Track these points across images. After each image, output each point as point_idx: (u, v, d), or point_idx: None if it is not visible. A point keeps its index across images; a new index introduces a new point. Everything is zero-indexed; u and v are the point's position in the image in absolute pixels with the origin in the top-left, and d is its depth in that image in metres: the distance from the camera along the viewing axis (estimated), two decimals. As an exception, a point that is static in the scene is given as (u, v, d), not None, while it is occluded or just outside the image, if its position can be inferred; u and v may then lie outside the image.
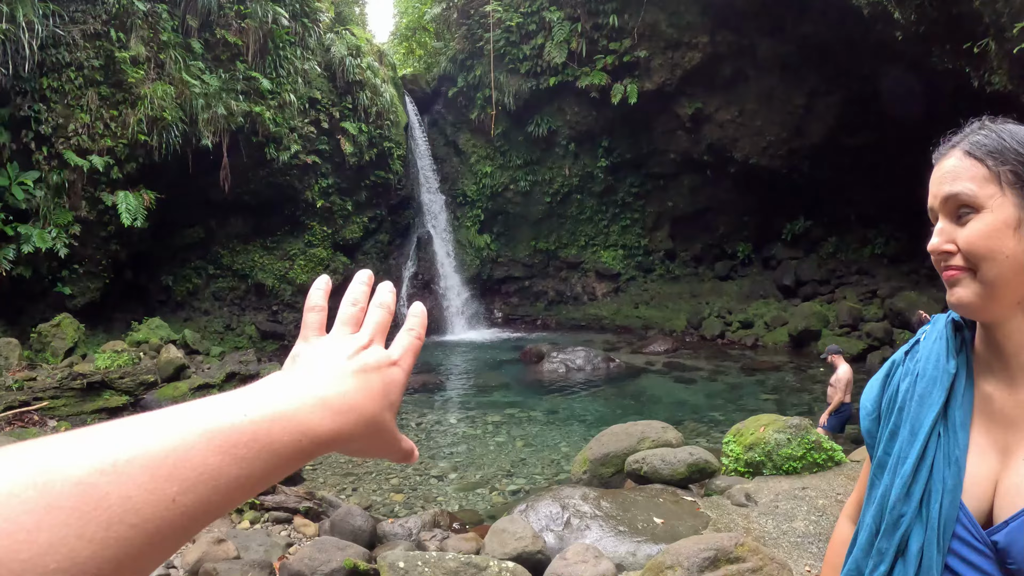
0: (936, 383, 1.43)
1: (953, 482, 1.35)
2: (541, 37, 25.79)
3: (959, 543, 1.33)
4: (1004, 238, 1.30)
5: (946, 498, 1.35)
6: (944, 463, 1.37)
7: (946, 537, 1.33)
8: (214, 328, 22.11)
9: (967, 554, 1.33)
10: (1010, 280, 1.30)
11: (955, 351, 1.45)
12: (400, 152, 26.09)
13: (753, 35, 22.62)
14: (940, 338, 1.50)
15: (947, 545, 1.33)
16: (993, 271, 1.30)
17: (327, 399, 0.75)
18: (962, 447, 1.37)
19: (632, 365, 19.39)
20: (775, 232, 26.53)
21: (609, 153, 27.36)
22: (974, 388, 1.42)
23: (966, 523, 1.33)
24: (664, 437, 9.19)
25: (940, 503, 1.35)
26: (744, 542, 5.33)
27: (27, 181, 16.38)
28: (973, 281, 1.33)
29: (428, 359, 21.88)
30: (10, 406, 12.64)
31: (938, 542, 1.33)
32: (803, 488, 7.79)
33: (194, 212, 21.31)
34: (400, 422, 13.69)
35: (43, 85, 16.50)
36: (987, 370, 1.41)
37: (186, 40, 19.02)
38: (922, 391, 1.45)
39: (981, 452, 1.37)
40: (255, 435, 0.66)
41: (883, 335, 19.02)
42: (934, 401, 1.42)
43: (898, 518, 1.41)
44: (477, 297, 29.17)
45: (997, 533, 1.29)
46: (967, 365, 1.43)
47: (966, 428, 1.38)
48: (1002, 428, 1.36)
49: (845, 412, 11.08)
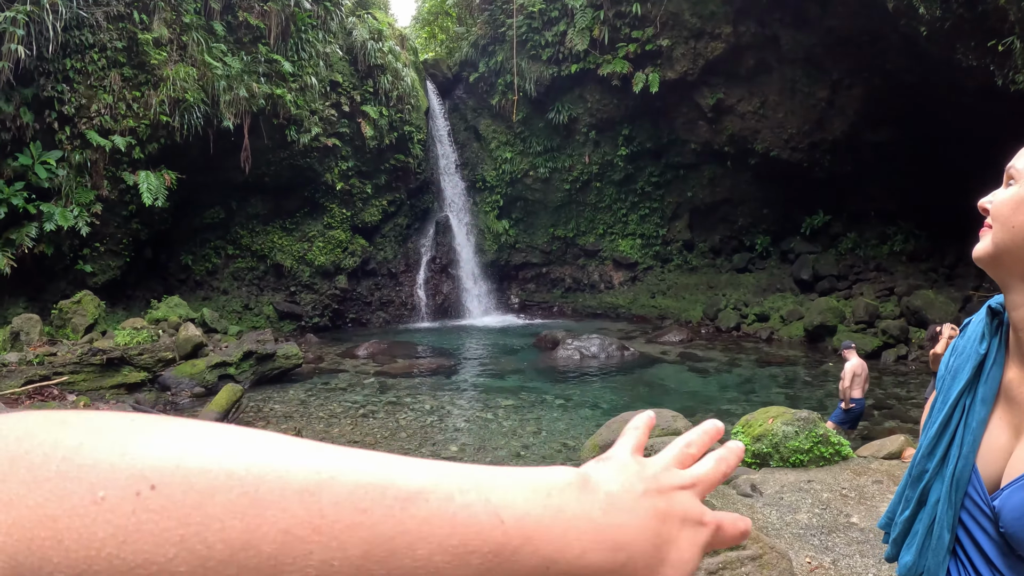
0: (968, 360, 1.59)
1: (968, 449, 1.49)
2: (563, 24, 25.75)
3: (970, 503, 1.47)
4: (1019, 211, 1.40)
5: (961, 461, 1.50)
6: (963, 430, 1.51)
7: (958, 494, 1.48)
8: (232, 307, 22.32)
9: (975, 513, 1.47)
10: (1012, 250, 1.42)
11: (988, 334, 1.56)
12: (420, 136, 26.17)
13: (776, 26, 22.49)
14: (979, 321, 1.63)
15: (959, 501, 1.48)
16: (999, 235, 1.44)
17: (601, 526, 0.62)
18: (980, 419, 1.51)
19: (647, 354, 19.43)
20: (794, 226, 26.42)
21: (629, 142, 27.31)
22: (1003, 371, 1.54)
23: (976, 485, 1.46)
24: (673, 426, 9.24)
25: (956, 464, 1.49)
26: (745, 531, 5.37)
27: (50, 160, 16.59)
28: (989, 239, 1.47)
29: (444, 343, 22.01)
30: (30, 380, 12.87)
31: (951, 497, 1.48)
32: (808, 481, 7.83)
33: (215, 193, 21.49)
34: (415, 403, 13.86)
35: (66, 66, 16.70)
36: (1017, 356, 1.52)
37: (208, 22, 19.15)
38: (956, 366, 1.61)
39: (999, 427, 1.50)
40: (500, 548, 0.55)
41: (899, 333, 18.90)
42: (963, 376, 1.57)
43: (921, 472, 1.58)
44: (494, 282, 29.27)
45: (997, 498, 1.41)
46: (1000, 349, 1.55)
47: (987, 404, 1.51)
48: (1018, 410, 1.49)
49: (857, 408, 11.08)
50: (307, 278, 23.78)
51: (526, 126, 28.04)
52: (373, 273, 26.08)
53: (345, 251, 24.59)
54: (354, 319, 25.36)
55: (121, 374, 14.17)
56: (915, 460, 1.62)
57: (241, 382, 14.90)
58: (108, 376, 13.98)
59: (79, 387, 13.37)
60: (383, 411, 13.83)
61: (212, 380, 14.91)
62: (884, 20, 18.02)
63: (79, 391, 13.22)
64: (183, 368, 14.97)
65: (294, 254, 23.61)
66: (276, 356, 16.18)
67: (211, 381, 14.87)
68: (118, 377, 14.08)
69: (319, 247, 24.02)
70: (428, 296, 27.22)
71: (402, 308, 26.76)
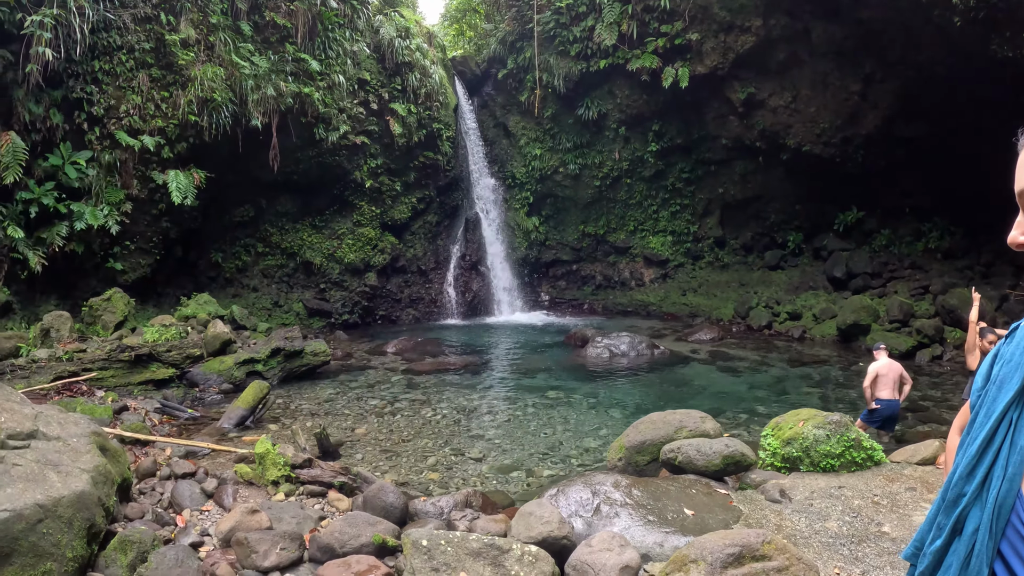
0: (1017, 370, 1.41)
1: (1014, 470, 1.32)
2: (591, 19, 25.56)
3: (1013, 532, 1.31)
4: None
5: (1005, 484, 1.33)
6: (1009, 449, 1.35)
7: (1000, 522, 1.31)
8: (262, 304, 22.43)
9: (1018, 545, 1.30)
10: None
11: None
12: (449, 133, 26.14)
13: (807, 19, 22.16)
14: None
15: (1001, 530, 1.31)
16: None
17: None
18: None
19: (677, 353, 19.24)
20: (827, 222, 26.03)
21: (659, 137, 27.08)
22: None
23: (1021, 513, 1.30)
24: (702, 427, 9.06)
25: (999, 488, 1.33)
26: (771, 540, 5.24)
27: (80, 161, 16.78)
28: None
29: (473, 340, 21.96)
30: (60, 376, 12.98)
31: (991, 526, 1.32)
32: (839, 487, 7.64)
33: (244, 191, 21.60)
34: (442, 401, 13.82)
35: (95, 68, 16.89)
36: None
37: (235, 22, 19.24)
38: (1003, 376, 1.44)
39: None
40: None
41: (933, 332, 18.48)
42: (1011, 387, 1.40)
43: (958, 496, 1.41)
44: (524, 280, 29.19)
45: None
46: None
47: None
48: None
49: (884, 410, 10.89)
50: (336, 275, 23.84)
51: (555, 122, 27.92)
52: (403, 270, 26.09)
53: (375, 248, 24.63)
54: (384, 316, 25.39)
55: (149, 370, 14.25)
56: (951, 481, 1.45)
57: (269, 378, 14.94)
58: (136, 372, 14.06)
59: (107, 383, 13.46)
60: (409, 409, 13.81)
61: (240, 376, 14.97)
62: (916, 11, 17.67)
63: (107, 387, 13.31)
64: (211, 364, 15.03)
65: (324, 251, 23.68)
66: (304, 353, 16.21)
67: (239, 377, 14.93)
68: (146, 373, 14.16)
69: (348, 244, 24.08)
70: (458, 293, 27.19)
71: (432, 305, 26.75)
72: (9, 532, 5.43)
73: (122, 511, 7.52)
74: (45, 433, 7.05)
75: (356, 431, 12.35)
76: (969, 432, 1.48)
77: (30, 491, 5.84)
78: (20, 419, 7.00)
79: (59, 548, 5.72)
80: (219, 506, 7.93)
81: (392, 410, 13.71)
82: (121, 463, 7.82)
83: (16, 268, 15.96)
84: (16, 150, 15.39)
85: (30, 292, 16.61)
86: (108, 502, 6.81)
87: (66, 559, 5.74)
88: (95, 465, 6.89)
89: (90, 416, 9.51)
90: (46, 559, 5.59)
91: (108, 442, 7.86)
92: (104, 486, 6.85)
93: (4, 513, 5.47)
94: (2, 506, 5.52)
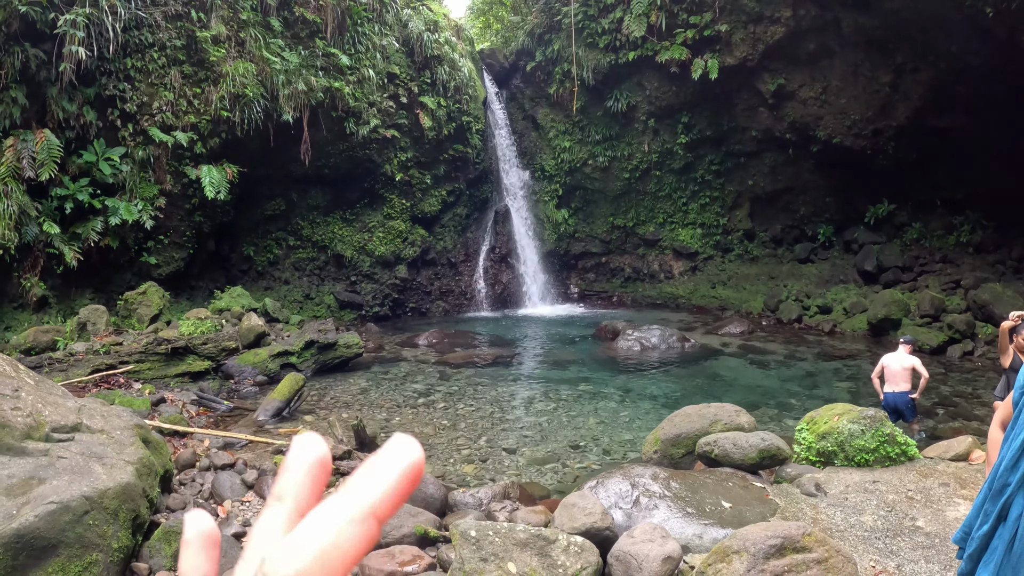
0: None
1: None
2: (620, 10, 25.46)
3: None
4: None
5: None
6: None
7: None
8: (294, 297, 22.62)
9: None
10: None
11: None
12: (479, 126, 26.18)
13: (838, 9, 21.94)
14: None
15: None
16: None
17: None
18: None
19: (707, 346, 19.23)
20: (858, 215, 25.80)
21: (689, 129, 26.97)
22: None
23: None
24: (737, 421, 9.10)
25: None
26: (811, 532, 5.28)
27: (114, 157, 17.03)
28: None
29: (503, 332, 22.03)
30: (97, 369, 13.22)
31: None
32: (874, 482, 7.66)
33: (275, 185, 21.79)
34: (475, 393, 13.90)
35: (127, 65, 17.12)
36: None
37: (265, 19, 19.39)
38: None
39: None
40: None
41: (965, 328, 18.26)
42: None
43: (1003, 486, 1.48)
44: (553, 272, 29.20)
45: None
46: None
47: None
48: None
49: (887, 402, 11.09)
50: (367, 268, 23.99)
51: (584, 115, 27.87)
52: (433, 263, 26.20)
53: (405, 241, 24.75)
54: (414, 308, 25.51)
55: (185, 363, 14.46)
56: (996, 471, 1.52)
57: (303, 371, 15.11)
58: (173, 365, 14.27)
59: (144, 375, 13.68)
60: (443, 401, 13.91)
61: (274, 368, 15.15)
62: (948, 1, 17.47)
63: (144, 379, 13.53)
64: (246, 357, 15.23)
65: (354, 244, 23.83)
66: (337, 345, 16.36)
67: (273, 369, 15.11)
68: (182, 366, 14.37)
69: (379, 237, 24.21)
70: (487, 285, 27.26)
71: (462, 297, 26.85)
72: (56, 524, 5.55)
73: (164, 502, 7.67)
74: (89, 426, 7.20)
75: (391, 423, 12.48)
76: (1013, 428, 1.54)
77: (76, 483, 5.97)
78: (64, 412, 7.16)
79: (105, 539, 5.84)
80: (260, 497, 8.05)
81: (426, 402, 13.83)
82: (163, 455, 7.97)
83: (52, 263, 16.22)
84: (51, 147, 15.64)
85: (66, 287, 16.87)
86: (152, 493, 6.94)
87: (111, 550, 5.86)
88: (139, 457, 7.03)
89: (130, 408, 9.68)
90: (92, 550, 5.71)
91: (150, 434, 8.02)
92: (148, 478, 6.99)
93: (51, 505, 5.59)
94: (49, 498, 5.64)
